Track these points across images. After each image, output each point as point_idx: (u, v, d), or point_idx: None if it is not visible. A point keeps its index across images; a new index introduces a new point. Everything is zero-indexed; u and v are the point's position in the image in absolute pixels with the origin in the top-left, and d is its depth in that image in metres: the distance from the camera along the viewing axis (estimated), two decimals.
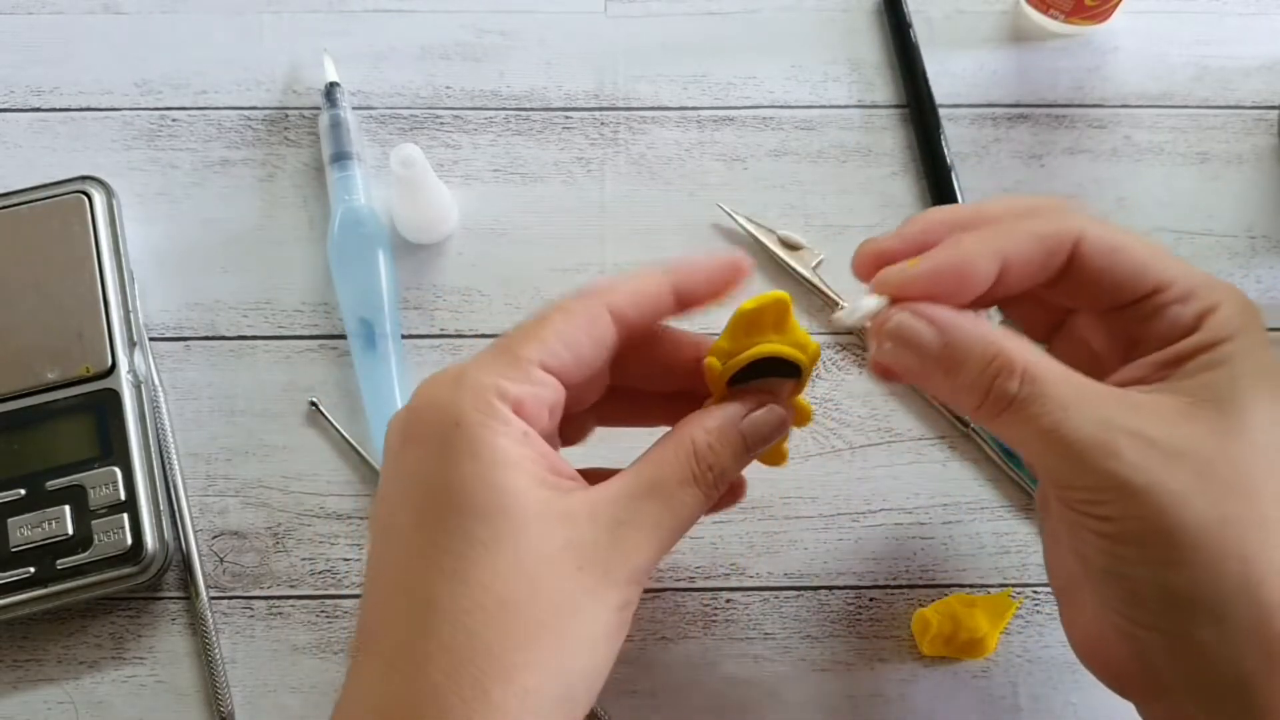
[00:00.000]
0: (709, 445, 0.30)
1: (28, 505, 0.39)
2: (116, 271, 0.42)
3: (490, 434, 0.27)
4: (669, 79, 0.48)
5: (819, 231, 0.45)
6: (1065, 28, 0.48)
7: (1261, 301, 0.44)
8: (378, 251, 0.43)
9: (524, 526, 0.27)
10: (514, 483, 0.27)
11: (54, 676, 0.39)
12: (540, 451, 0.28)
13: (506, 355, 0.29)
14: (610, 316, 0.30)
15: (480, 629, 0.26)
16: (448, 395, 0.28)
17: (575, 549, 0.27)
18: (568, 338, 0.29)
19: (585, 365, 0.30)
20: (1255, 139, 0.47)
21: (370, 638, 0.28)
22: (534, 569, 0.27)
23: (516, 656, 0.26)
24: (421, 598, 0.27)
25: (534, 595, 0.26)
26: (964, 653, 0.39)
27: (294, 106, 0.47)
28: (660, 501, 0.29)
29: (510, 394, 0.28)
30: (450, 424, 0.27)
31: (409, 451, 0.28)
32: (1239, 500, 0.26)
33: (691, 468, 0.30)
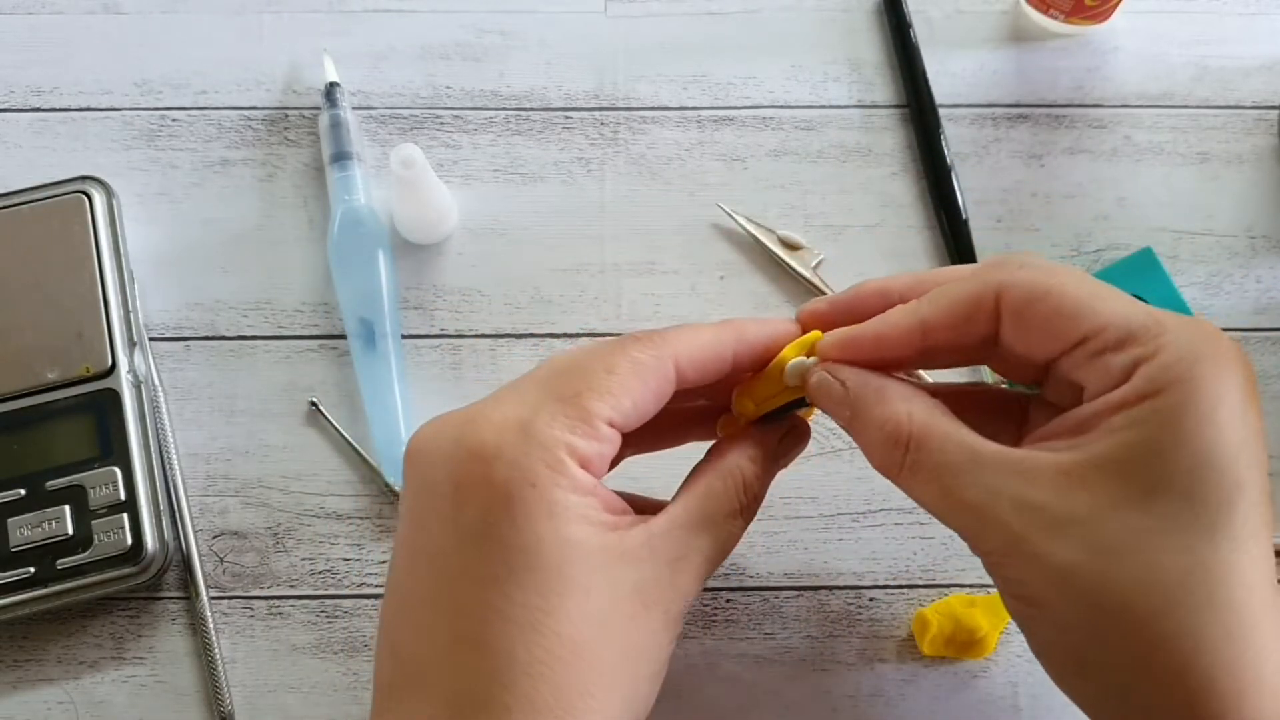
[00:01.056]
0: (756, 476, 0.31)
1: (28, 505, 0.39)
2: (116, 271, 0.42)
3: (564, 494, 0.27)
4: (669, 79, 0.48)
5: (819, 231, 0.45)
6: (1065, 28, 0.48)
7: (1261, 301, 0.44)
8: (378, 251, 0.43)
9: (594, 575, 0.27)
10: (585, 535, 0.27)
11: (54, 676, 0.39)
12: (602, 499, 0.29)
13: (577, 409, 0.28)
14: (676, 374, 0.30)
15: (559, 680, 0.26)
16: (517, 449, 0.27)
17: (640, 591, 0.28)
18: (637, 395, 0.29)
19: (645, 419, 0.30)
20: (1255, 139, 0.47)
21: (419, 677, 0.27)
22: (606, 615, 0.27)
23: (591, 702, 0.26)
24: (498, 649, 0.26)
25: (606, 640, 0.27)
26: (964, 653, 0.39)
27: (294, 106, 0.47)
28: (711, 534, 0.30)
29: (580, 452, 0.28)
30: (525, 484, 0.27)
31: (470, 499, 0.27)
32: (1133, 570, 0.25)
33: (740, 499, 0.30)
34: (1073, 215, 0.45)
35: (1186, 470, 0.25)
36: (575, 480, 0.28)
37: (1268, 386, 0.43)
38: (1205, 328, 0.26)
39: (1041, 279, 0.28)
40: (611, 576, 0.27)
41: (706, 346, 0.31)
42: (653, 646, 0.28)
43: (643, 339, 0.30)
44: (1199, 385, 0.25)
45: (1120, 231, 0.45)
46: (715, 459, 0.31)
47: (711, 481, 0.30)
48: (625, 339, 0.30)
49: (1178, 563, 0.25)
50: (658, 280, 0.45)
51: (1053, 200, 0.46)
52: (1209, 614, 0.24)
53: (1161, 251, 0.44)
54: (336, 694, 0.39)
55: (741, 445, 0.32)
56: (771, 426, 0.33)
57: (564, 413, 0.28)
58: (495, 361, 0.44)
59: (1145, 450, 0.25)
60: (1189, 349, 0.25)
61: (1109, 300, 0.27)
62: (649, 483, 0.35)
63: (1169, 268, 0.43)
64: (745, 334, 0.32)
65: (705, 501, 0.30)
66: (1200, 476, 0.25)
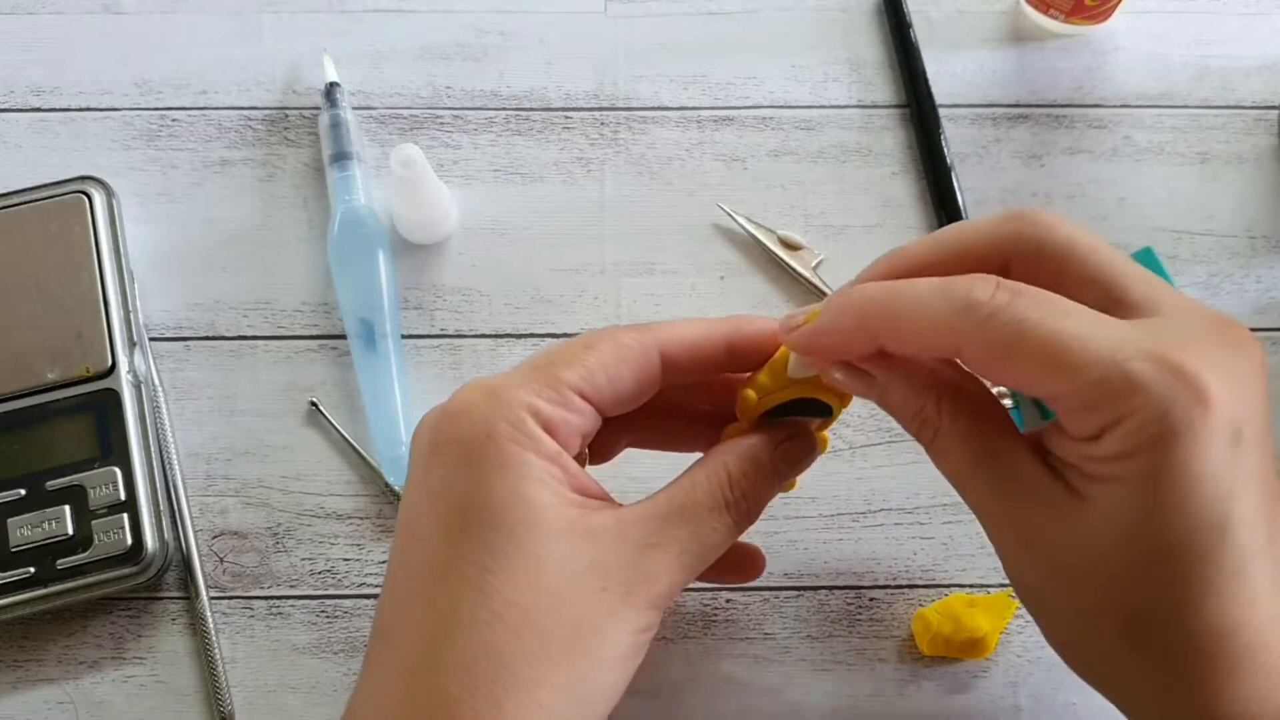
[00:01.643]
0: (743, 472, 0.30)
1: (28, 505, 0.39)
2: (116, 271, 0.42)
3: (520, 449, 0.27)
4: (669, 79, 0.48)
5: (819, 231, 0.45)
6: (1065, 28, 0.48)
7: (1261, 301, 0.44)
8: (378, 251, 0.43)
9: (548, 541, 0.27)
10: (541, 498, 0.27)
11: (54, 676, 0.39)
12: (570, 471, 0.28)
13: (547, 375, 0.28)
14: (661, 359, 0.30)
15: (499, 643, 0.26)
16: (481, 407, 0.28)
17: (600, 568, 0.27)
18: (613, 371, 0.29)
19: (624, 400, 0.30)
20: (1255, 139, 0.47)
21: (387, 640, 0.28)
22: (556, 585, 0.27)
23: (533, 672, 0.26)
24: (442, 607, 0.27)
25: (554, 612, 0.26)
26: (964, 653, 0.39)
27: (294, 106, 0.47)
28: (689, 526, 0.29)
29: (544, 414, 0.28)
30: (482, 435, 0.27)
31: (437, 458, 0.28)
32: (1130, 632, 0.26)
33: (724, 494, 0.30)
34: (1073, 215, 0.45)
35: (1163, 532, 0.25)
36: (536, 440, 0.27)
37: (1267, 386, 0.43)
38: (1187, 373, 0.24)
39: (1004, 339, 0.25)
40: (567, 548, 0.27)
41: (698, 334, 0.31)
42: (610, 630, 0.27)
43: (633, 326, 0.30)
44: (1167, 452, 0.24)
45: (1120, 231, 0.45)
46: (705, 456, 0.31)
47: (695, 474, 0.30)
48: (618, 326, 0.31)
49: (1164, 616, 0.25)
50: (658, 280, 0.45)
51: (1053, 200, 0.46)
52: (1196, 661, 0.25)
53: (1161, 251, 0.44)
54: (336, 694, 0.39)
55: (733, 443, 0.31)
56: (773, 428, 0.32)
57: (533, 378, 0.28)
58: (495, 361, 0.44)
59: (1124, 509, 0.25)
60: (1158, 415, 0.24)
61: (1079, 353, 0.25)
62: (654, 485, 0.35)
63: (1169, 268, 0.43)
64: (743, 326, 0.31)
65: (686, 493, 0.29)
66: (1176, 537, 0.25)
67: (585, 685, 0.27)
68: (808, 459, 0.32)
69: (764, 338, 0.31)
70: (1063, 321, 0.25)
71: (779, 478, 0.31)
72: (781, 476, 0.31)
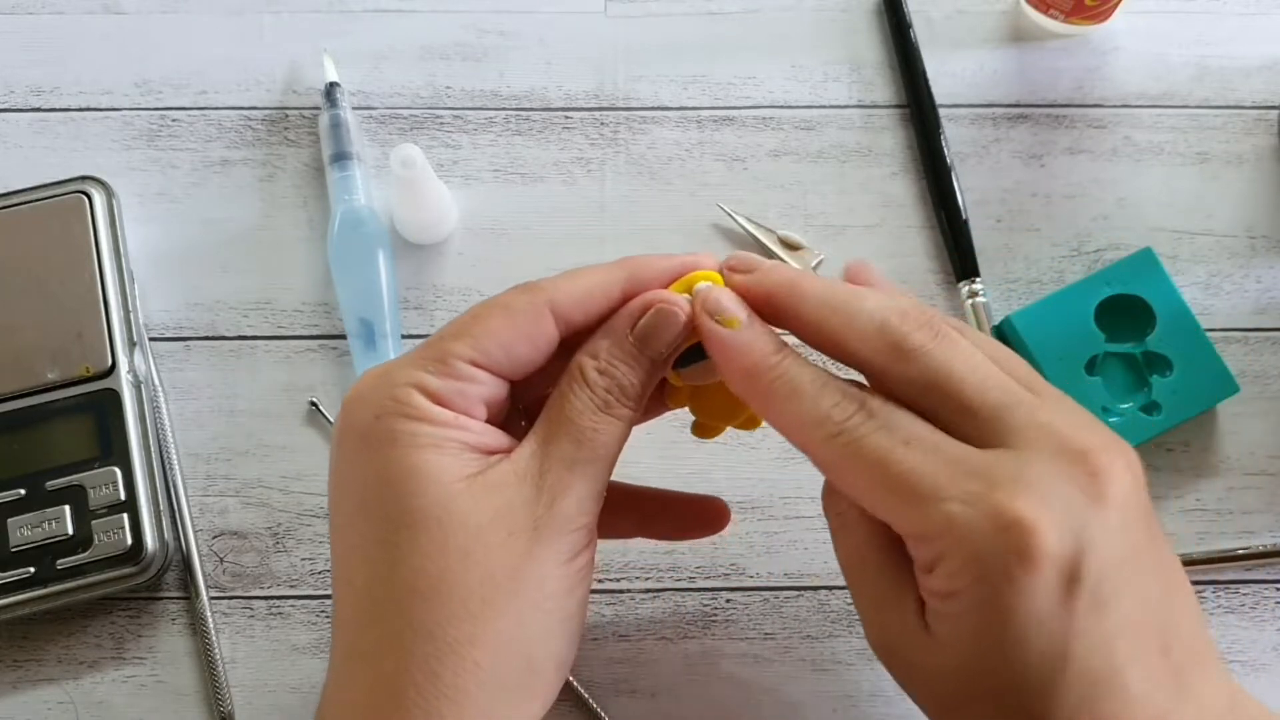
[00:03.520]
0: (597, 369, 0.29)
1: (28, 505, 0.39)
2: (116, 271, 0.42)
3: (406, 421, 0.27)
4: (669, 79, 0.48)
5: (819, 231, 0.45)
6: (1065, 28, 0.48)
7: (1261, 301, 0.44)
8: (378, 251, 0.43)
9: (448, 503, 0.27)
10: (435, 463, 0.27)
11: (54, 676, 0.39)
12: (473, 430, 0.28)
13: (433, 351, 0.28)
14: (553, 317, 0.29)
15: (418, 613, 0.26)
16: (370, 391, 0.28)
17: (504, 515, 0.27)
18: (502, 337, 0.29)
19: (523, 364, 0.29)
20: (1255, 139, 0.47)
21: (334, 631, 0.28)
22: (463, 544, 0.26)
23: (458, 632, 0.26)
24: (361, 589, 0.27)
25: (466, 570, 0.26)
26: None
27: (294, 106, 0.47)
28: (568, 438, 0.28)
29: (430, 388, 0.28)
30: (370, 418, 0.28)
31: (339, 449, 0.28)
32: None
33: (588, 393, 0.29)
34: (1073, 215, 0.45)
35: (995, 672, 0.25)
36: (422, 411, 0.27)
37: (1267, 386, 0.43)
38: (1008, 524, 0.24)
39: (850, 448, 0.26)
40: (469, 505, 0.27)
41: (590, 285, 0.30)
42: (529, 571, 0.27)
43: (520, 286, 0.30)
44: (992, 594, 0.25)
45: (1120, 231, 0.45)
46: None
47: (561, 387, 0.29)
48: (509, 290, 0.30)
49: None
50: None
51: (1053, 200, 0.46)
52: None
53: (1161, 251, 0.44)
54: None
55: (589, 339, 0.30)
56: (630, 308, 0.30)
57: (421, 355, 0.28)
58: None
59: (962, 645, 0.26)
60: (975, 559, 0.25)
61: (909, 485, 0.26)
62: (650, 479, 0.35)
63: (1169, 268, 0.43)
64: (638, 270, 0.30)
65: (554, 407, 0.29)
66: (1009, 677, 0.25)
67: (522, 631, 0.27)
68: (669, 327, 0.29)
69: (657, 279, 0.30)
70: (899, 451, 0.26)
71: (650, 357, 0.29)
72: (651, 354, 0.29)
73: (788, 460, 0.42)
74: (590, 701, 0.39)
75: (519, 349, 0.29)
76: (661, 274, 0.30)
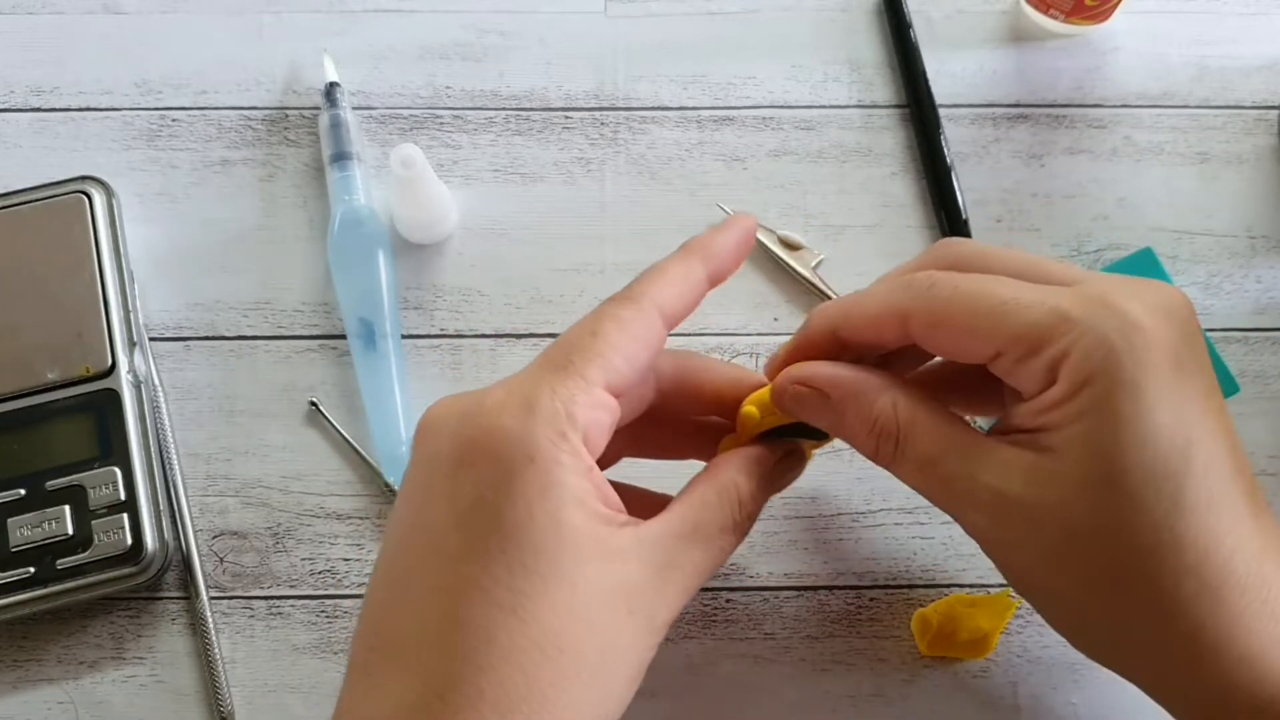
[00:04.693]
0: (752, 494, 0.30)
1: (28, 505, 0.39)
2: (116, 271, 0.42)
3: (562, 472, 0.27)
4: (669, 79, 0.48)
5: (819, 231, 0.45)
6: (1065, 28, 0.48)
7: (1262, 301, 0.44)
8: (378, 251, 0.43)
9: (581, 566, 0.27)
10: (576, 521, 0.27)
11: (54, 676, 0.39)
12: (599, 485, 0.28)
13: (574, 378, 0.28)
14: (661, 321, 0.29)
15: (535, 669, 0.26)
16: (519, 425, 0.27)
17: (626, 592, 0.27)
18: (627, 352, 0.28)
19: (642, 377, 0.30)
20: (1255, 139, 0.47)
21: (398, 651, 0.27)
22: (588, 611, 0.27)
23: (565, 696, 0.26)
24: (477, 630, 0.26)
25: (589, 638, 0.26)
26: (964, 653, 0.39)
27: (294, 106, 0.47)
28: (703, 547, 0.29)
29: (579, 421, 0.27)
30: (524, 459, 0.26)
31: (468, 472, 0.27)
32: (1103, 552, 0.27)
33: (734, 515, 0.30)
34: (1073, 215, 0.45)
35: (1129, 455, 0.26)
36: (576, 457, 0.27)
37: (1267, 386, 0.43)
38: (1115, 305, 0.26)
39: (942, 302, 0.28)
40: (599, 571, 0.27)
41: (678, 280, 0.30)
42: (632, 650, 0.28)
43: (619, 296, 0.30)
44: (1118, 373, 0.26)
45: (1120, 231, 0.45)
46: (713, 471, 0.31)
47: (706, 493, 0.30)
48: (604, 302, 0.30)
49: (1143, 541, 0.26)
50: None
51: (1053, 200, 0.46)
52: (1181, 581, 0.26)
53: (1161, 251, 0.44)
54: (336, 694, 0.39)
55: (740, 460, 0.31)
56: (773, 444, 0.32)
57: (560, 382, 0.27)
58: (495, 361, 0.44)
59: (1088, 444, 0.26)
60: (1099, 339, 0.26)
61: (1014, 304, 0.27)
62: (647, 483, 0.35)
63: (1169, 268, 0.43)
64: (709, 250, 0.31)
65: (700, 513, 0.29)
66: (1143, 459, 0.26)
67: (607, 704, 0.28)
68: (794, 479, 0.34)
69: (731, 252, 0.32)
70: (995, 285, 0.28)
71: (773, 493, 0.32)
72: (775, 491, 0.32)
73: None
74: None
75: (641, 361, 0.29)
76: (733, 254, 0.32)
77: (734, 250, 0.32)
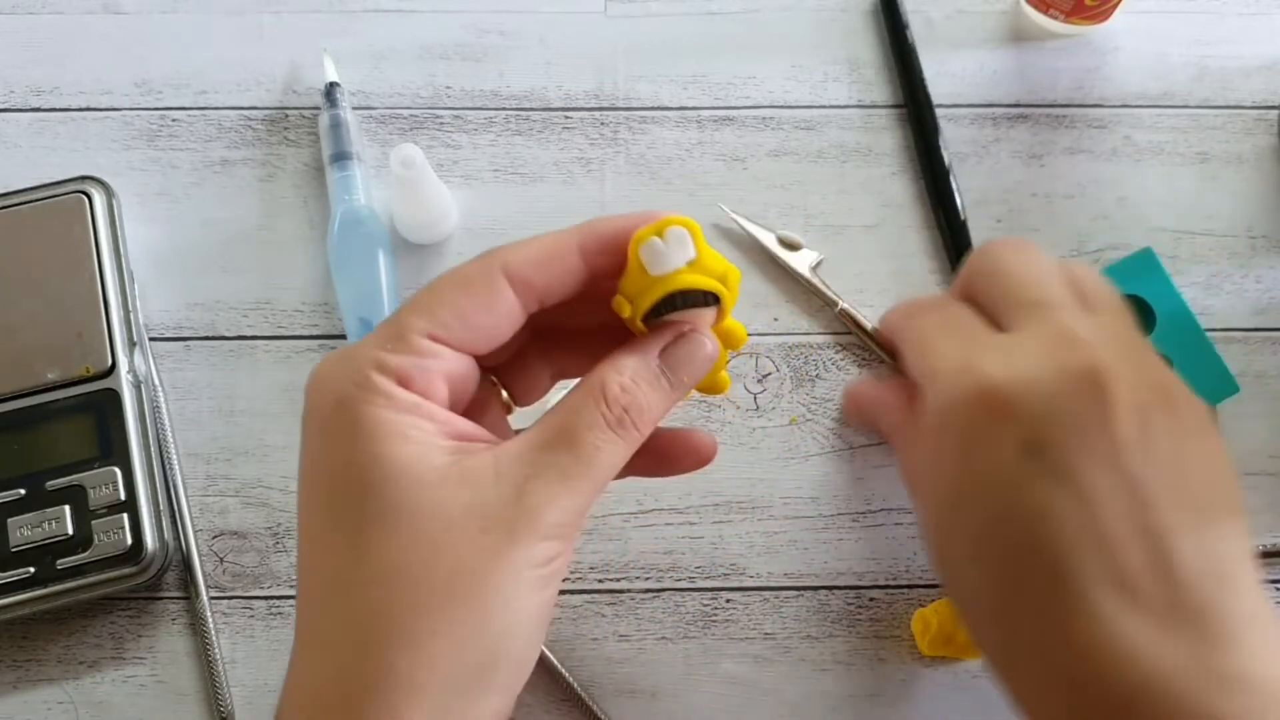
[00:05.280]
0: (620, 385, 0.28)
1: (28, 505, 0.39)
2: (116, 271, 0.42)
3: (370, 407, 0.27)
4: (669, 79, 0.48)
5: (819, 231, 0.45)
6: (1065, 28, 0.48)
7: (1261, 301, 0.44)
8: (378, 251, 0.43)
9: (418, 492, 0.26)
10: (400, 452, 0.26)
11: (54, 676, 0.39)
12: (439, 419, 0.28)
13: (390, 329, 0.28)
14: (510, 283, 0.29)
15: (380, 602, 0.26)
16: (330, 374, 0.28)
17: (478, 510, 0.26)
18: (458, 308, 0.28)
19: (486, 335, 0.29)
20: (1255, 139, 0.47)
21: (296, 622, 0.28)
22: (432, 535, 0.26)
23: (419, 625, 0.25)
24: (324, 576, 0.27)
25: (433, 562, 0.26)
26: (964, 653, 0.39)
27: (294, 106, 0.47)
28: (568, 450, 0.27)
29: (391, 366, 0.27)
30: (332, 403, 0.27)
31: (305, 432, 0.28)
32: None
33: (602, 411, 0.28)
34: (1073, 215, 0.45)
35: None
36: (387, 395, 0.27)
37: (1267, 386, 0.43)
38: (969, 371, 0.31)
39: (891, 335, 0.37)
40: (439, 496, 0.26)
41: (545, 246, 0.29)
42: (498, 570, 0.26)
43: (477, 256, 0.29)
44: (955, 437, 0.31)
45: (1120, 231, 0.45)
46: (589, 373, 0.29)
47: (573, 394, 0.29)
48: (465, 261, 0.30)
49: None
50: None
51: (1053, 200, 0.46)
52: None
53: (1161, 251, 0.44)
54: None
55: (613, 355, 0.29)
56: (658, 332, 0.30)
57: (379, 334, 0.28)
58: None
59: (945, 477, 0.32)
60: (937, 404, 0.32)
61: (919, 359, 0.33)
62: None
63: (1169, 268, 0.43)
64: (596, 228, 0.30)
65: (564, 416, 0.28)
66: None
67: (483, 630, 0.26)
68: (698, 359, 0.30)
69: (616, 235, 0.29)
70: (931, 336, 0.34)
71: (672, 384, 0.30)
72: (675, 382, 0.30)
73: (788, 460, 0.42)
74: (590, 702, 0.39)
75: (477, 318, 0.28)
76: (618, 230, 0.29)
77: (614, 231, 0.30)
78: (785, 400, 0.43)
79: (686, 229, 0.28)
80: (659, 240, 0.28)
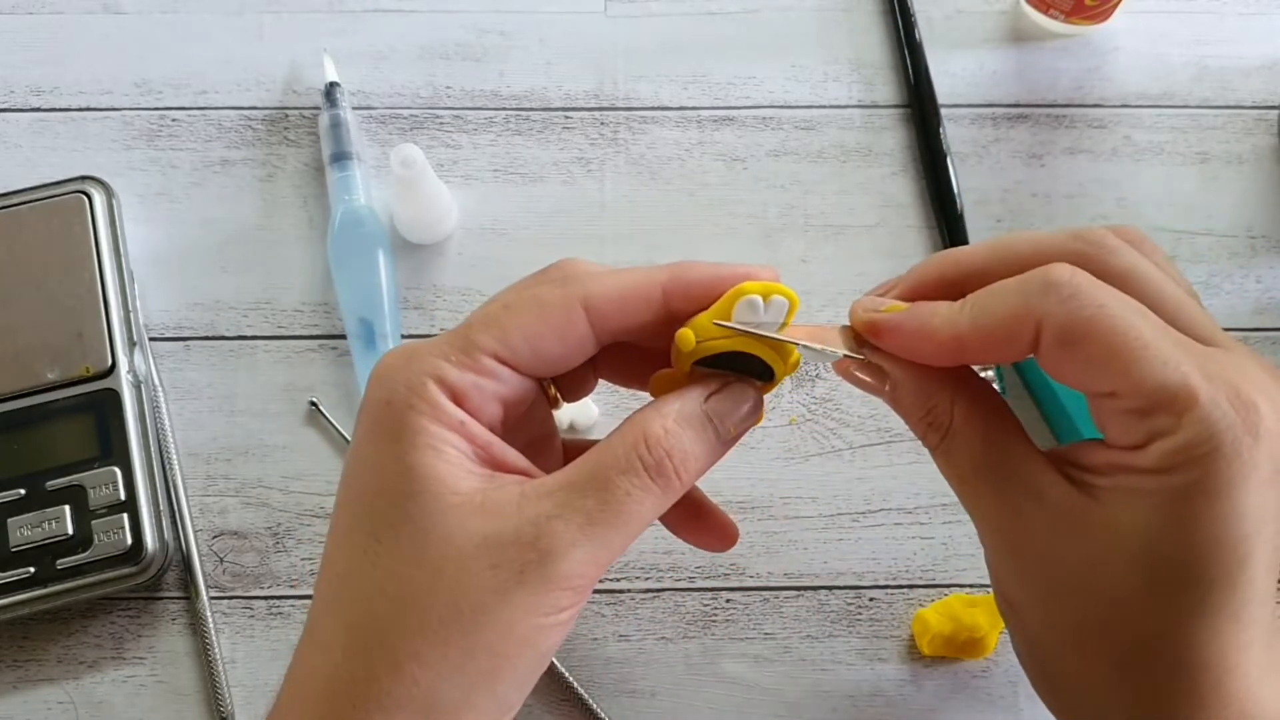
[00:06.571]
0: (664, 429, 0.27)
1: (28, 505, 0.39)
2: (116, 271, 0.42)
3: (414, 414, 0.26)
4: (669, 79, 0.48)
5: (819, 231, 0.45)
6: (1065, 28, 0.48)
7: (1262, 301, 0.44)
8: (378, 251, 0.43)
9: (437, 515, 0.25)
10: (435, 469, 0.26)
11: (54, 676, 0.39)
12: (480, 441, 0.27)
13: (459, 340, 0.27)
14: (586, 315, 0.28)
15: (379, 613, 0.25)
16: (389, 371, 0.27)
17: (491, 545, 0.25)
18: (531, 333, 0.27)
19: (553, 363, 0.28)
20: (1255, 139, 0.47)
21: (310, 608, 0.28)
22: (439, 561, 0.25)
23: (408, 647, 0.25)
24: (339, 571, 0.27)
25: (435, 587, 0.25)
26: (964, 653, 0.39)
27: (294, 106, 0.47)
28: (596, 493, 0.26)
29: (449, 379, 0.26)
30: (383, 401, 0.27)
31: (357, 426, 0.27)
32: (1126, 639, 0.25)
33: (640, 454, 0.26)
34: (1073, 215, 0.45)
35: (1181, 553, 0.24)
36: (435, 406, 0.26)
37: None
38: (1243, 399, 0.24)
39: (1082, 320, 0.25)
40: (457, 522, 0.25)
41: (630, 285, 0.28)
42: (499, 611, 0.25)
43: (555, 276, 0.28)
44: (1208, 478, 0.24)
45: None
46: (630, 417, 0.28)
47: (611, 438, 0.27)
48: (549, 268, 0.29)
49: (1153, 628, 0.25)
50: None
51: (1053, 200, 0.46)
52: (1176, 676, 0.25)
53: None
54: None
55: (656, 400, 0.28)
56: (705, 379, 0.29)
57: (447, 342, 0.27)
58: None
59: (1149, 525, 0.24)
60: (1210, 434, 0.24)
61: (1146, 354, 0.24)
62: None
63: None
64: (682, 273, 0.28)
65: (599, 457, 0.27)
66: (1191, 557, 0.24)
67: (468, 667, 0.25)
68: (745, 415, 0.29)
69: (705, 284, 0.28)
70: (1137, 319, 0.25)
71: (713, 435, 0.28)
72: (720, 433, 0.28)
73: (788, 460, 0.42)
74: (590, 702, 0.39)
75: (547, 346, 0.27)
76: (709, 280, 0.28)
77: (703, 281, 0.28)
78: (785, 400, 0.43)
79: (789, 303, 0.28)
80: (761, 301, 0.27)
